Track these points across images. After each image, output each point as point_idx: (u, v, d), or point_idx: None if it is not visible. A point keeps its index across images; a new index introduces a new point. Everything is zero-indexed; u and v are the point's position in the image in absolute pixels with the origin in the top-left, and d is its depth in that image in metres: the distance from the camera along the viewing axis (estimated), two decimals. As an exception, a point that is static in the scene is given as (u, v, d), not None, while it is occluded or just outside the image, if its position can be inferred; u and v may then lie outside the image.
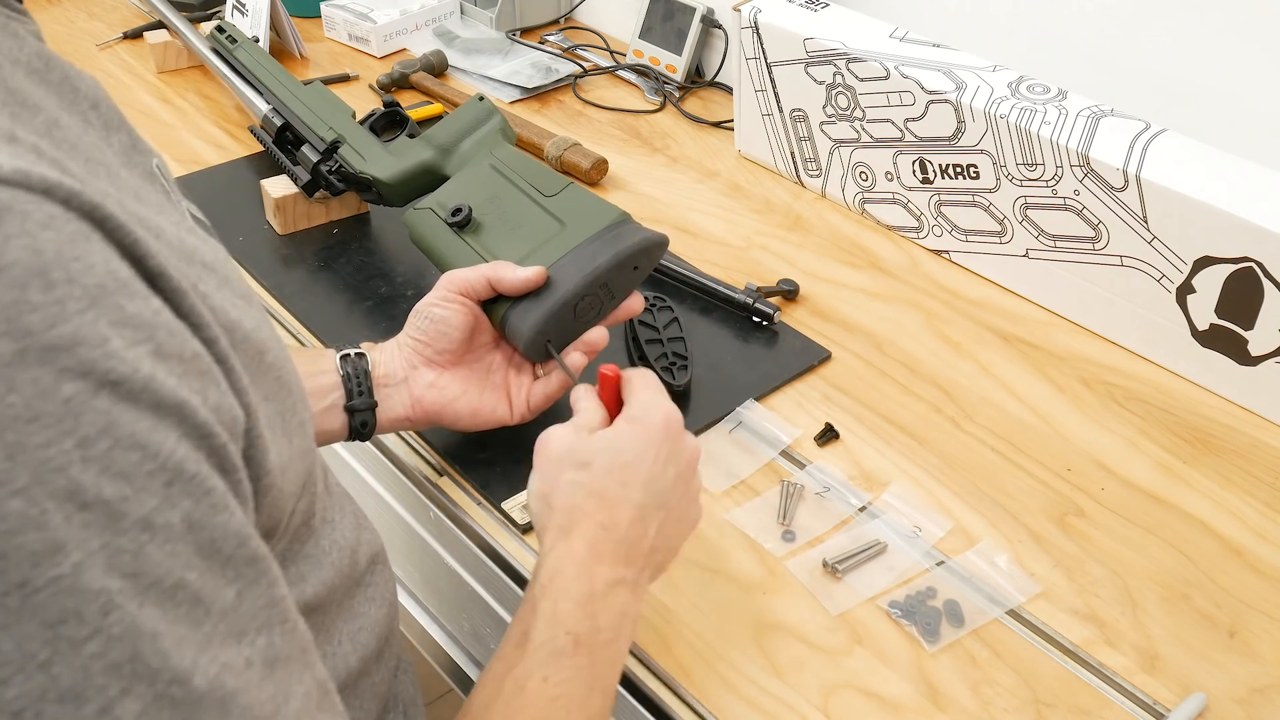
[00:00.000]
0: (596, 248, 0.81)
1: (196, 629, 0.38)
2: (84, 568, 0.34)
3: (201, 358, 0.40)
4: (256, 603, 0.41)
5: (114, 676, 0.35)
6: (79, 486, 0.35)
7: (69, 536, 0.34)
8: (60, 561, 0.34)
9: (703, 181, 1.23)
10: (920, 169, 1.08)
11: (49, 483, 0.34)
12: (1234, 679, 0.72)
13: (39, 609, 0.33)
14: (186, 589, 0.37)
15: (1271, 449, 0.90)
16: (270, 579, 0.42)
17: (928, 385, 0.95)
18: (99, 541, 0.35)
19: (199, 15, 1.53)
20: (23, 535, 0.33)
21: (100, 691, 0.34)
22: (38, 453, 0.34)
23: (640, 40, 1.44)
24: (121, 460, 0.36)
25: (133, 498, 0.36)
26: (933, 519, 0.82)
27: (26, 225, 0.35)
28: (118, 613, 0.35)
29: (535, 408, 0.83)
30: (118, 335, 0.36)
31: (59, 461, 0.34)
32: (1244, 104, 1.01)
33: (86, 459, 0.35)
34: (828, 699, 0.70)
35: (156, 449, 0.37)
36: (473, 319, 0.80)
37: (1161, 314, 0.95)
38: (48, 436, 0.34)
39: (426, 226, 0.89)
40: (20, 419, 0.34)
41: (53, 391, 0.34)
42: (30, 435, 0.34)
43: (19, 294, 0.34)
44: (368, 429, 0.79)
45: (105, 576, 0.35)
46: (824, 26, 1.12)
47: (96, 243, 0.38)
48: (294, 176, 1.10)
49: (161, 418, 0.37)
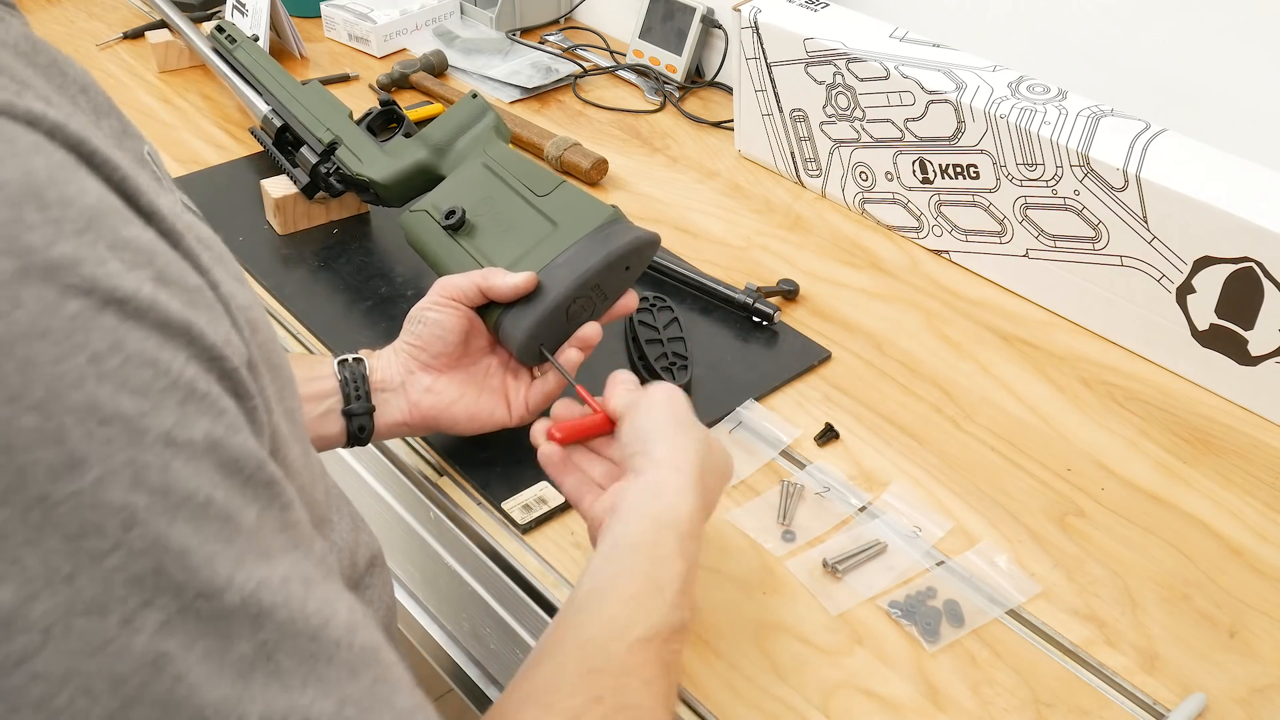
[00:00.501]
0: (587, 249, 0.81)
1: (229, 545, 0.37)
2: (105, 483, 0.34)
3: (204, 291, 0.40)
4: (277, 523, 0.40)
5: (135, 589, 0.34)
6: (96, 401, 0.34)
7: (89, 451, 0.34)
8: (81, 476, 0.33)
9: (703, 181, 1.23)
10: (920, 169, 1.08)
11: (65, 397, 0.33)
12: (1234, 679, 0.72)
13: (60, 523, 0.33)
14: (215, 505, 0.37)
15: (1271, 449, 0.90)
16: (286, 501, 0.41)
17: (928, 385, 0.95)
18: (123, 457, 0.34)
19: (199, 15, 1.53)
20: (40, 450, 0.33)
21: (121, 603, 0.34)
22: (50, 368, 0.33)
23: (640, 40, 1.44)
24: (136, 376, 0.35)
25: (151, 413, 0.35)
26: (933, 519, 0.82)
27: (15, 148, 0.35)
28: (140, 528, 0.34)
29: (534, 409, 0.83)
30: (116, 258, 0.36)
31: (72, 377, 0.34)
32: (1244, 104, 1.01)
33: (101, 375, 0.34)
34: (828, 699, 0.70)
35: (166, 366, 0.36)
36: (467, 323, 0.80)
37: (1161, 314, 0.95)
38: (58, 352, 0.33)
39: (422, 229, 0.89)
40: (28, 335, 0.33)
41: (58, 308, 0.34)
42: (40, 351, 0.33)
43: (14, 213, 0.34)
44: (366, 434, 0.79)
45: (129, 492, 0.34)
46: (824, 26, 1.12)
47: (85, 173, 0.37)
48: (293, 178, 1.10)
49: (168, 338, 0.37)
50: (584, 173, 1.21)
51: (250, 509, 0.39)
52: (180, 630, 0.35)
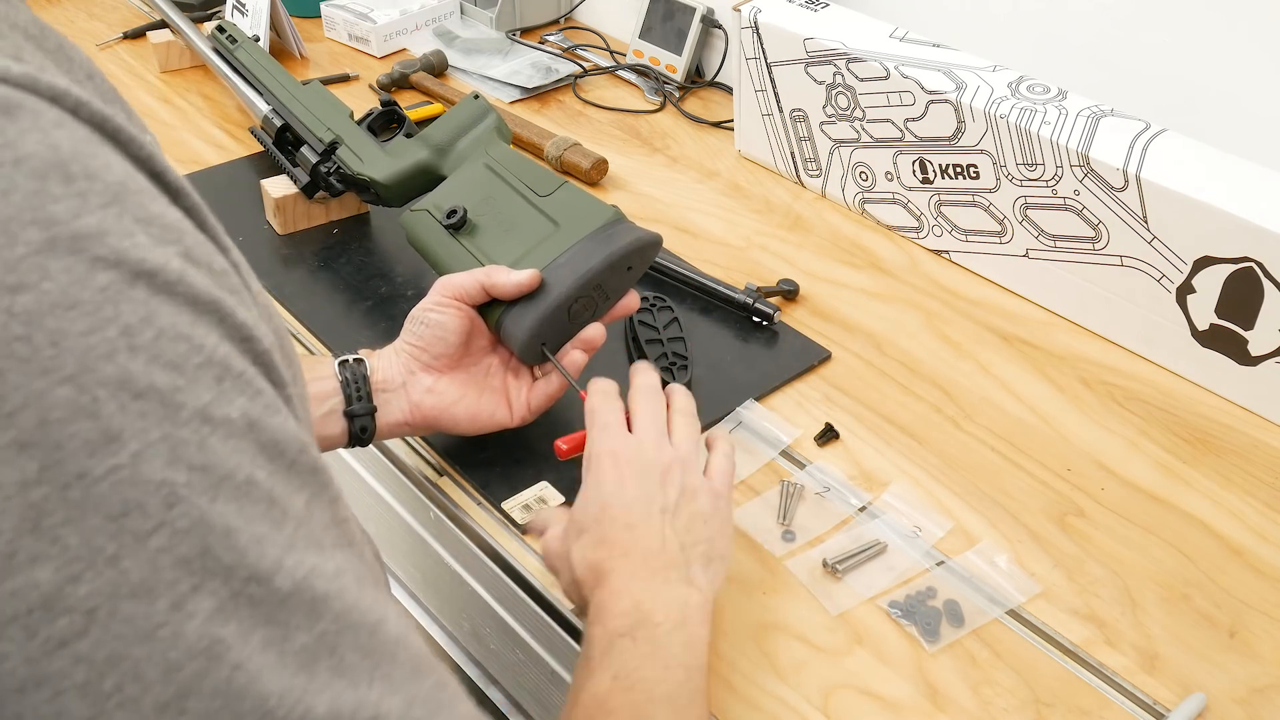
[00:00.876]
0: (589, 249, 0.81)
1: (277, 529, 0.35)
2: (143, 458, 0.33)
3: (230, 275, 0.39)
4: (326, 515, 0.39)
5: (184, 571, 0.33)
6: (129, 374, 0.33)
7: (124, 425, 0.32)
8: (117, 451, 0.32)
9: (703, 181, 1.23)
10: (920, 169, 1.08)
11: (97, 370, 0.32)
12: (1234, 679, 0.72)
13: (101, 501, 0.32)
14: (259, 487, 0.35)
15: (1271, 449, 0.90)
16: (334, 495, 0.40)
17: (928, 385, 0.95)
18: (158, 432, 0.33)
19: (199, 15, 1.53)
20: (75, 424, 0.32)
21: (171, 586, 0.33)
22: (81, 340, 0.32)
23: (640, 40, 1.44)
24: (169, 350, 0.34)
25: (186, 388, 0.34)
26: (933, 519, 0.82)
27: (39, 123, 0.34)
28: (183, 505, 0.33)
29: (536, 409, 0.83)
30: (144, 232, 0.35)
31: (104, 349, 0.33)
32: (1244, 104, 1.01)
33: (133, 347, 0.33)
34: (828, 699, 0.70)
35: (200, 343, 0.35)
36: (469, 323, 0.80)
37: (1161, 314, 0.95)
38: (89, 324, 0.33)
39: (423, 228, 0.89)
40: (59, 306, 0.32)
41: (87, 280, 0.33)
42: (71, 322, 0.32)
43: (40, 184, 0.33)
44: (367, 434, 0.78)
45: (167, 468, 0.33)
46: (824, 26, 1.12)
47: (109, 149, 0.36)
48: (294, 178, 1.10)
49: (200, 314, 0.36)
50: (584, 173, 1.21)
51: (298, 497, 0.37)
52: (234, 617, 0.34)
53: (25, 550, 0.31)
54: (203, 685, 0.33)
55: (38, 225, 0.32)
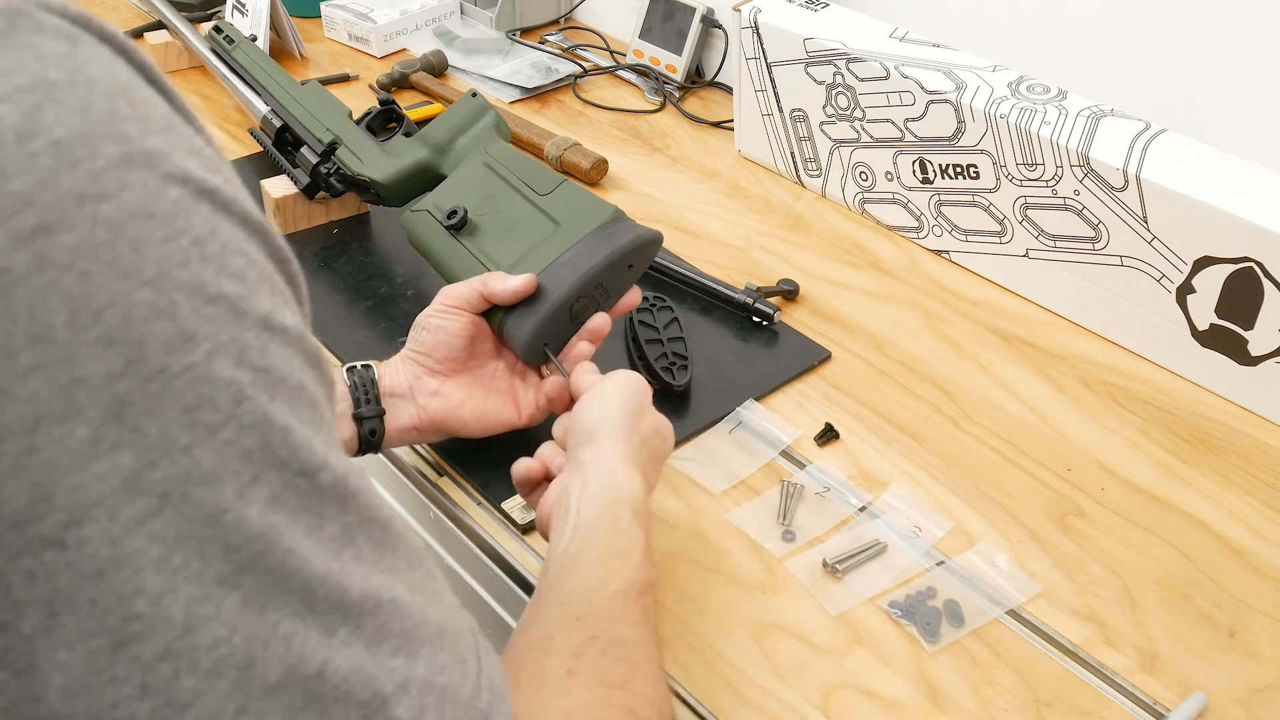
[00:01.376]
0: (590, 249, 0.81)
1: (319, 430, 0.39)
2: (214, 358, 0.36)
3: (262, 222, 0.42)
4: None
5: (246, 463, 0.36)
6: (201, 281, 0.36)
7: (198, 327, 0.35)
8: (193, 350, 0.35)
9: (703, 181, 1.23)
10: (920, 169, 1.08)
11: (174, 275, 0.35)
12: (1234, 679, 0.72)
13: (178, 395, 0.35)
14: (307, 390, 0.39)
15: (1271, 449, 0.90)
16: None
17: (928, 385, 0.95)
18: (228, 335, 0.36)
19: (199, 15, 1.53)
20: (156, 323, 0.35)
21: (236, 475, 0.36)
22: (160, 247, 0.35)
23: (640, 40, 1.44)
24: (233, 262, 0.37)
25: (249, 297, 0.37)
26: (933, 519, 0.82)
27: (99, 53, 0.37)
28: (249, 403, 0.36)
29: (544, 409, 0.83)
30: (195, 159, 0.38)
31: (179, 257, 0.35)
32: (1244, 104, 1.01)
33: (204, 257, 0.36)
34: (828, 699, 0.70)
35: (255, 258, 0.38)
36: (472, 327, 0.81)
37: (1161, 314, 0.95)
38: (165, 233, 0.35)
39: (424, 229, 0.89)
40: (138, 215, 0.35)
41: (161, 192, 0.36)
42: (150, 231, 0.35)
43: (111, 104, 0.36)
44: (376, 437, 0.79)
45: (235, 368, 0.36)
46: (824, 26, 1.12)
47: (153, 92, 0.39)
48: (294, 179, 1.10)
49: (250, 233, 0.39)
50: (584, 173, 1.21)
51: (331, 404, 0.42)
52: (284, 506, 0.37)
53: (109, 437, 0.34)
54: (259, 565, 0.36)
55: (114, 140, 0.35)
